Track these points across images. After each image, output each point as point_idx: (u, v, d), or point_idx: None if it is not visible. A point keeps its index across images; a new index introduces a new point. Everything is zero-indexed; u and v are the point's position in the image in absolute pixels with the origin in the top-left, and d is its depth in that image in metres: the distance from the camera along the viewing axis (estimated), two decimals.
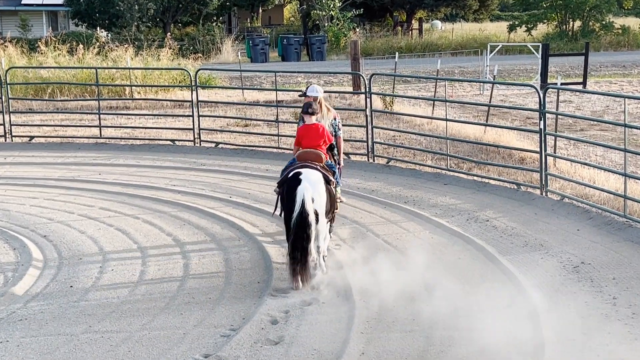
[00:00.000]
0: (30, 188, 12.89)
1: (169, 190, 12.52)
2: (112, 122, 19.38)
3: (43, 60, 25.63)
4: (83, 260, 8.98)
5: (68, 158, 15.58)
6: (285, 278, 8.27)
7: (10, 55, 25.91)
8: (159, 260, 8.97)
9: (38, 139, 17.64)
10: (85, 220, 10.74)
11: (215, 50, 40.08)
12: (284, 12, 66.01)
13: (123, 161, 14.91)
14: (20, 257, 9.08)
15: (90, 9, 42.26)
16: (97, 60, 25.96)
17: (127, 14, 40.51)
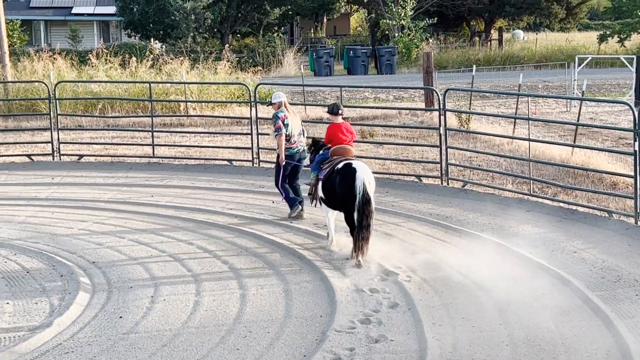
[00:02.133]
0: (79, 210, 13.18)
1: (225, 214, 12.66)
2: (165, 141, 19.72)
3: (94, 74, 26.26)
4: (133, 289, 9.13)
5: (119, 178, 15.90)
6: (350, 312, 8.27)
7: (60, 69, 26.61)
8: (214, 290, 9.06)
9: (87, 158, 18.07)
10: (136, 245, 10.93)
11: (276, 63, 40.50)
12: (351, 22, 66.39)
13: (177, 182, 15.15)
14: (68, 284, 9.28)
15: (144, 19, 43.19)
16: (150, 74, 26.48)
17: (183, 24, 41.27)
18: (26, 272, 9.75)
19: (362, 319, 8.14)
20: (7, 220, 12.49)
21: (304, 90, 27.41)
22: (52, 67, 26.23)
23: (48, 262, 10.13)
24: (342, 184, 10.14)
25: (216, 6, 43.05)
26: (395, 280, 9.31)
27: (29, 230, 11.87)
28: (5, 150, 19.05)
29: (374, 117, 22.92)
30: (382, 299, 8.70)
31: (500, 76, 33.48)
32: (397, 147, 17.99)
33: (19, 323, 8.10)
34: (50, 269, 9.87)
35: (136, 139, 20.45)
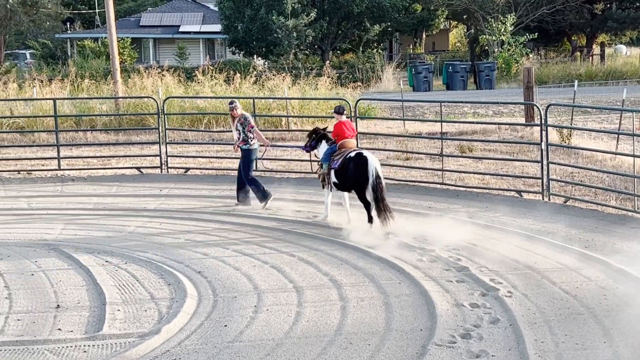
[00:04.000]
0: (185, 221, 13.47)
1: (324, 227, 12.72)
2: (267, 154, 19.93)
3: (200, 90, 26.83)
4: (237, 298, 9.26)
5: (223, 191, 16.16)
6: (451, 327, 8.19)
7: (168, 85, 27.30)
8: (315, 301, 9.10)
9: (193, 171, 18.44)
10: (240, 256, 11.09)
11: (375, 79, 40.55)
12: (449, 37, 65.94)
13: (279, 195, 15.29)
14: (175, 293, 9.48)
15: (248, 37, 43.93)
16: (253, 90, 26.89)
17: (285, 41, 41.79)
18: (136, 280, 10.00)
19: (463, 334, 8.03)
20: (118, 230, 12.86)
21: (403, 106, 27.35)
22: (161, 83, 26.94)
23: (156, 271, 10.38)
24: (356, 169, 12.30)
25: (317, 23, 43.44)
26: (496, 295, 9.16)
27: (138, 240, 12.18)
28: (116, 162, 19.63)
29: (473, 132, 22.67)
30: (483, 314, 8.58)
31: (602, 91, 32.63)
32: (497, 162, 17.74)
33: (129, 329, 8.31)
34: (158, 278, 10.10)
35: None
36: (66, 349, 7.79)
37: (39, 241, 12.10)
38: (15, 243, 12.01)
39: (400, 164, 18.23)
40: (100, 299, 9.25)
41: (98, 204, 15.29)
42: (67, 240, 12.17)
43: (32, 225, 13.33)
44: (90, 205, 15.18)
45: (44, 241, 12.08)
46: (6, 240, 12.18)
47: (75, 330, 8.28)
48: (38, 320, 8.56)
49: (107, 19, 28.24)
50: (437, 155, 16.97)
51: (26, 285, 9.80)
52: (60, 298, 9.31)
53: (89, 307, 9.01)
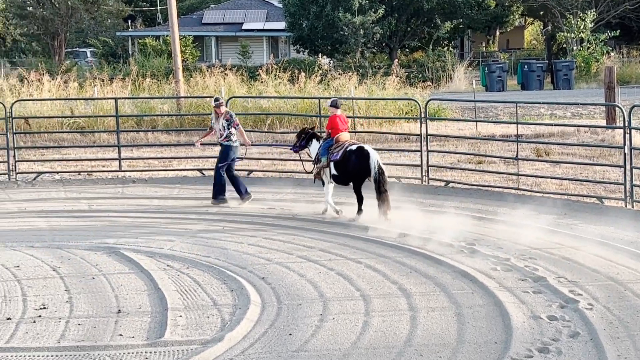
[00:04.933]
0: (248, 225, 13.57)
1: (392, 233, 12.67)
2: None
3: (263, 89, 27.02)
4: (302, 306, 9.28)
5: (286, 194, 16.24)
6: (527, 340, 8.09)
7: (230, 84, 27.55)
8: (383, 311, 9.07)
9: (256, 173, 18.57)
10: (305, 262, 11.12)
11: (446, 78, 40.31)
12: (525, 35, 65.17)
13: (344, 199, 15.28)
14: (238, 299, 9.55)
15: (313, 34, 44.08)
16: (318, 90, 26.97)
17: (352, 39, 41.82)
18: (198, 286, 10.10)
19: (540, 348, 7.91)
20: (180, 233, 13.02)
21: (476, 106, 27.13)
22: (223, 83, 27.19)
23: (219, 276, 10.47)
24: (358, 162, 13.43)
25: (385, 20, 43.38)
26: (576, 308, 9.01)
27: (200, 244, 12.31)
28: (178, 164, 19.89)
29: (550, 134, 22.38)
30: (562, 327, 8.44)
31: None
32: (576, 166, 17.46)
33: (192, 336, 8.40)
34: (221, 284, 10.19)
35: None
36: (127, 356, 7.90)
37: (99, 244, 12.31)
38: (75, 246, 12.25)
39: (472, 168, 18.09)
40: (161, 304, 9.37)
41: (159, 206, 15.51)
42: (128, 243, 12.37)
43: (93, 228, 13.58)
44: (151, 207, 15.40)
45: (104, 244, 12.30)
46: (67, 243, 12.42)
47: (136, 336, 8.40)
48: (99, 325, 8.71)
49: (170, 16, 28.65)
50: (512, 158, 16.78)
51: (87, 289, 9.99)
52: (122, 303, 9.46)
53: (150, 312, 9.14)
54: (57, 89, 27.11)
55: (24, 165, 19.76)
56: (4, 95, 25.61)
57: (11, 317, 8.95)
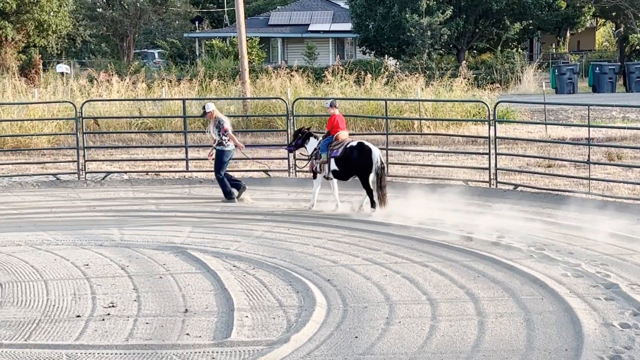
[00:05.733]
0: (314, 227, 13.60)
1: (460, 237, 12.59)
2: (398, 159, 19.93)
3: (329, 91, 27.06)
4: (368, 309, 9.27)
5: (352, 196, 16.21)
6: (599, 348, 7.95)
7: (296, 85, 27.68)
8: (450, 315, 9.01)
9: None
10: (371, 265, 11.10)
11: (515, 80, 39.87)
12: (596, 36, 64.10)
13: (412, 201, 15.23)
14: (304, 301, 9.58)
15: (379, 36, 43.99)
16: (384, 91, 26.93)
17: (419, 40, 41.63)
18: (264, 287, 10.16)
19: (612, 356, 7.77)
20: (246, 234, 13.11)
21: (545, 109, 26.77)
22: (289, 84, 27.32)
23: (285, 278, 10.52)
24: (360, 157, 14.35)
25: (453, 22, 43.08)
26: None
27: (266, 245, 12.38)
28: (244, 165, 20.02)
29: (622, 138, 21.97)
30: (635, 335, 8.28)
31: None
32: None
33: (258, 337, 8.45)
34: (286, 285, 10.24)
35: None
36: (194, 355, 7.99)
37: (167, 244, 12.47)
38: (143, 245, 12.43)
39: (541, 172, 17.86)
40: (228, 304, 9.45)
41: (225, 207, 15.64)
42: (195, 243, 12.50)
43: (160, 228, 13.77)
44: (217, 208, 15.55)
45: (171, 244, 12.45)
46: (135, 242, 12.62)
47: (203, 336, 8.49)
48: (166, 324, 8.82)
49: (237, 17, 28.90)
50: (583, 162, 16.51)
51: (154, 288, 10.12)
52: (188, 302, 9.57)
53: (216, 312, 9.22)
54: (126, 89, 27.57)
55: (93, 164, 20.12)
56: (74, 96, 26.14)
57: (80, 315, 9.12)
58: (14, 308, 9.41)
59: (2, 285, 10.29)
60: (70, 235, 13.17)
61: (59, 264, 11.31)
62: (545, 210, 14.60)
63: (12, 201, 16.48)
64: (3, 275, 10.76)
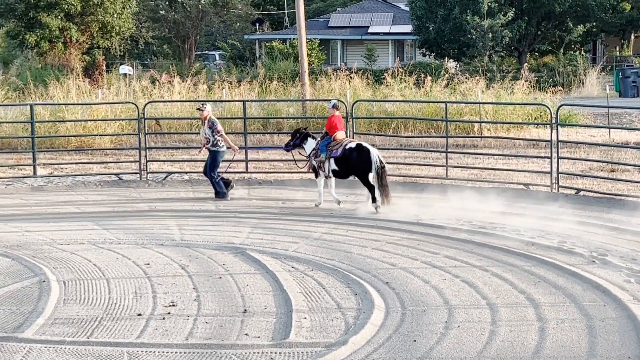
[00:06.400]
0: (372, 229, 13.59)
1: (519, 241, 12.47)
2: (458, 162, 19.81)
3: (388, 93, 27.03)
4: (427, 312, 9.23)
5: (410, 198, 16.17)
6: None
7: (356, 87, 27.70)
8: (510, 320, 8.93)
9: None
10: (430, 268, 11.05)
11: (577, 83, 39.30)
12: None
13: (472, 204, 15.12)
14: (362, 303, 9.57)
15: (440, 38, 43.76)
16: (444, 94, 26.79)
17: (479, 42, 41.30)
18: (322, 288, 10.18)
19: None
20: (305, 236, 13.16)
21: (609, 112, 26.36)
22: (349, 86, 27.34)
23: (343, 280, 10.53)
24: (359, 158, 15.05)
25: (515, 24, 42.65)
26: None
27: (324, 247, 12.41)
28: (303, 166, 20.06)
29: None
30: None
31: None
32: None
33: (316, 339, 8.47)
34: (344, 287, 10.24)
35: (428, 159, 20.73)
36: (253, 355, 8.05)
37: (226, 244, 12.58)
38: (203, 245, 12.55)
39: (604, 176, 17.58)
40: (286, 305, 9.49)
41: (284, 208, 15.72)
42: (254, 244, 12.58)
43: (219, 228, 13.88)
44: (276, 209, 15.62)
45: (231, 244, 12.55)
46: (195, 242, 12.75)
47: (262, 337, 8.54)
48: (225, 324, 8.89)
49: (297, 19, 28.99)
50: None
51: (214, 288, 10.21)
52: (247, 302, 9.63)
53: (275, 313, 9.27)
54: (187, 91, 27.85)
55: (155, 165, 20.36)
56: (136, 97, 26.49)
57: (141, 313, 9.25)
58: (76, 306, 9.58)
59: (65, 283, 10.48)
60: (132, 235, 13.36)
61: (120, 262, 11.49)
62: (608, 215, 14.38)
63: (75, 200, 16.78)
64: (66, 273, 10.96)
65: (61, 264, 11.39)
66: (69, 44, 44.67)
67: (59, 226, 14.16)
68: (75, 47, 44.80)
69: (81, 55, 44.64)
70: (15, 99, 29.01)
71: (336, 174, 15.64)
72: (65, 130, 23.52)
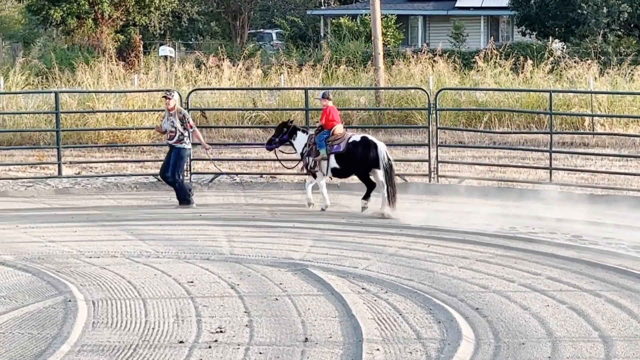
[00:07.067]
0: (459, 244, 13.55)
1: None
2: (564, 163, 19.64)
3: (479, 80, 26.91)
4: (525, 345, 9.15)
5: (506, 207, 16.09)
6: None
7: (440, 73, 27.61)
8: (629, 357, 8.82)
9: (469, 181, 18.48)
10: (529, 292, 10.96)
11: None
12: None
13: (581, 215, 14.96)
14: (447, 333, 9.53)
15: (543, 13, 43.30)
16: (548, 81, 26.57)
17: (592, 19, 40.77)
18: (398, 314, 10.16)
19: None
20: (377, 251, 13.15)
21: None
22: (432, 71, 27.27)
23: (424, 304, 10.49)
24: (365, 153, 15.56)
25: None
26: None
27: (401, 264, 12.40)
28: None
29: None
30: None
31: None
32: None
33: None
34: (426, 313, 10.21)
35: (528, 160, 20.56)
36: None
37: (283, 260, 12.64)
38: (256, 260, 12.63)
39: None
40: (355, 334, 9.49)
41: (352, 217, 15.75)
42: (317, 260, 12.63)
43: (276, 240, 13.97)
44: (343, 219, 15.65)
45: (289, 260, 12.61)
46: (247, 257, 12.84)
47: None
48: (282, 355, 8.93)
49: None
50: None
51: (269, 312, 10.27)
52: (309, 330, 9.65)
53: (342, 343, 9.27)
54: (238, 77, 28.07)
55: (199, 164, 20.49)
56: (178, 84, 26.78)
57: (184, 341, 9.33)
58: (107, 330, 9.70)
59: (94, 303, 10.64)
60: (172, 247, 13.50)
61: (159, 279, 11.62)
62: None
63: (106, 205, 17.03)
64: (96, 291, 11.12)
65: (90, 281, 11.56)
66: (100, 21, 45.38)
67: (87, 236, 14.39)
68: (108, 25, 45.48)
69: (114, 34, 45.31)
70: (38, 85, 29.55)
71: (336, 172, 16.14)
72: (96, 122, 23.86)
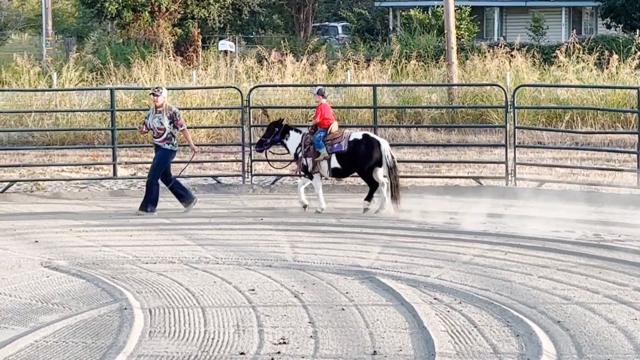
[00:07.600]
0: (539, 252, 13.44)
1: None
2: None
3: (561, 76, 26.67)
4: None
5: (591, 214, 15.98)
6: None
7: (518, 69, 27.42)
8: None
9: (549, 184, 18.36)
10: (615, 304, 10.83)
11: None
12: None
13: None
14: (526, 347, 9.44)
15: (630, 4, 42.83)
16: (635, 77, 26.22)
17: None
18: (473, 327, 10.10)
19: None
20: (451, 258, 13.09)
21: None
22: (509, 67, 27.08)
23: (501, 317, 10.42)
24: (369, 151, 16.00)
25: None
26: None
27: (476, 273, 12.32)
28: (448, 170, 20.02)
29: None
30: None
31: None
32: None
33: None
34: (503, 326, 10.13)
35: (613, 162, 20.33)
36: None
37: (350, 267, 12.63)
38: (321, 268, 12.64)
39: None
40: (427, 347, 9.45)
41: (423, 222, 15.69)
42: (386, 267, 12.60)
43: (342, 247, 13.97)
44: (413, 224, 15.61)
45: (356, 267, 12.60)
46: (311, 264, 12.85)
47: None
48: None
49: None
50: None
51: (335, 323, 10.26)
52: (377, 342, 9.63)
53: (413, 357, 9.24)
54: (302, 72, 28.14)
55: (261, 165, 20.52)
56: (239, 80, 26.92)
57: (245, 352, 9.36)
58: (165, 340, 9.77)
59: (151, 311, 10.72)
60: (233, 253, 13.57)
61: (219, 287, 11.68)
62: None
63: (163, 209, 17.14)
64: (153, 299, 11.21)
65: (146, 288, 11.66)
66: (157, 14, 45.75)
67: (143, 240, 14.52)
68: (165, 18, 45.85)
69: (172, 28, 45.65)
70: (92, 81, 29.87)
71: (336, 172, 16.50)
72: None
